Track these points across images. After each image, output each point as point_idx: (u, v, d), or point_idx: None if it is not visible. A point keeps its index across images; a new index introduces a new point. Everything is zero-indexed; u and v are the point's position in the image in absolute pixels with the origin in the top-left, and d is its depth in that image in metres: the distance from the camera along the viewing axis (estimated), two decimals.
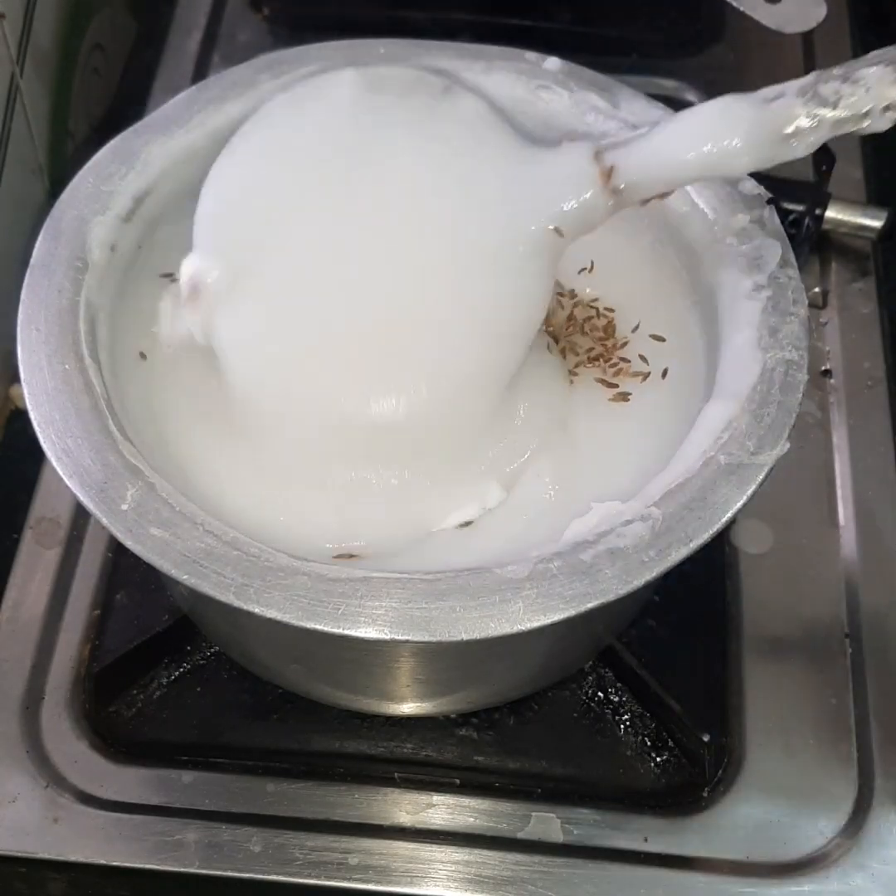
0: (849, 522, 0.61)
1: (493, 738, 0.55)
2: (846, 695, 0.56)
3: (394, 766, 0.55)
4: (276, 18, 0.81)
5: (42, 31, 0.67)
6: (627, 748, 0.55)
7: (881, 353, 0.67)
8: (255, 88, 0.53)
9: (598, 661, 0.57)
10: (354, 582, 0.40)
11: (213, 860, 0.52)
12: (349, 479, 0.46)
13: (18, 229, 0.63)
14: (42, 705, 0.56)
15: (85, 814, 0.53)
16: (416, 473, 0.46)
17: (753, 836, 0.53)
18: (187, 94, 0.53)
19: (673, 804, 0.54)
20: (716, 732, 0.54)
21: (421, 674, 0.50)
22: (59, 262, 0.47)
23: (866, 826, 0.53)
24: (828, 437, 0.64)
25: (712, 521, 0.42)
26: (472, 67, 0.54)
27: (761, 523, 0.61)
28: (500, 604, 0.40)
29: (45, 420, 0.43)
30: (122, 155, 0.51)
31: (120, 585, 0.58)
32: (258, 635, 0.51)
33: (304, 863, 0.52)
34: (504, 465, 0.47)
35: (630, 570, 0.40)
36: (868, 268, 0.71)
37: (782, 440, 0.43)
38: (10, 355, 0.45)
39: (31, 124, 0.66)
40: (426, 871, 0.52)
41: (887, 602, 0.59)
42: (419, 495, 0.46)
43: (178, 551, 0.41)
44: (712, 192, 0.50)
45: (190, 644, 0.57)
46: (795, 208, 0.68)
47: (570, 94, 0.53)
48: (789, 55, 0.78)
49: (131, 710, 0.56)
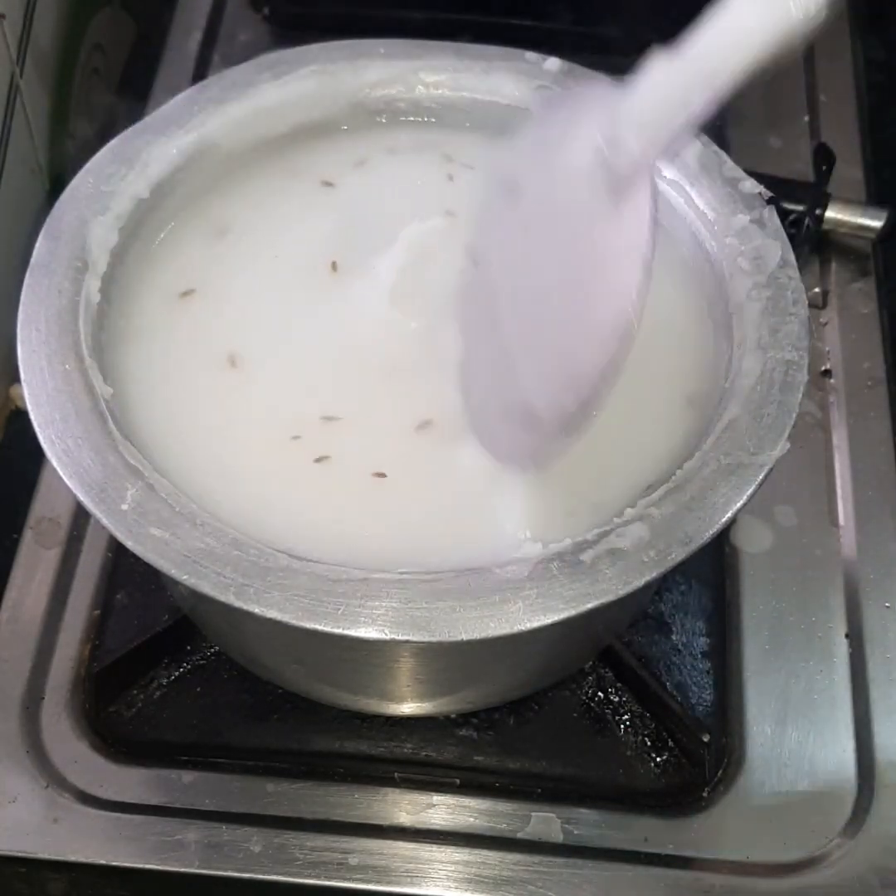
0: (849, 522, 0.61)
1: (493, 738, 0.55)
2: (846, 695, 0.56)
3: (394, 766, 0.55)
4: (276, 18, 0.81)
5: (42, 31, 0.67)
6: (627, 748, 0.55)
7: (881, 353, 0.67)
8: (255, 88, 0.54)
9: (598, 661, 0.57)
10: (354, 582, 0.40)
11: (213, 860, 0.52)
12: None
13: (18, 229, 0.63)
14: (42, 705, 0.56)
15: (85, 814, 0.53)
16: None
17: (753, 836, 0.53)
18: (187, 94, 0.53)
19: (673, 804, 0.54)
20: (716, 732, 0.54)
21: (421, 674, 0.50)
22: (59, 262, 0.47)
23: (866, 826, 0.53)
24: (828, 437, 0.64)
25: (712, 521, 0.42)
26: (472, 67, 0.54)
27: (761, 523, 0.61)
28: (500, 604, 0.40)
29: (45, 420, 0.43)
30: (122, 155, 0.51)
31: (120, 585, 0.58)
32: (258, 635, 0.51)
33: (304, 863, 0.52)
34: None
35: (630, 570, 0.40)
36: (868, 268, 0.71)
37: (782, 440, 0.43)
38: (10, 355, 0.45)
39: (31, 124, 0.66)
40: (426, 871, 0.52)
41: (887, 602, 0.59)
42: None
43: (177, 551, 0.41)
44: (712, 193, 0.50)
45: (190, 644, 0.57)
46: (795, 208, 0.68)
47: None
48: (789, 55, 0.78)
49: (131, 710, 0.56)
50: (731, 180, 0.50)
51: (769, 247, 0.48)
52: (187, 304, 0.51)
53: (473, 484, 0.46)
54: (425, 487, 0.46)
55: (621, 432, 0.48)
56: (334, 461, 0.47)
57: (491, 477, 0.46)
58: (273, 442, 0.47)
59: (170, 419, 0.48)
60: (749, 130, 0.75)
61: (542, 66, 0.54)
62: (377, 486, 0.46)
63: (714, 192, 0.50)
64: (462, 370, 0.46)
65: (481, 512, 0.46)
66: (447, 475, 0.46)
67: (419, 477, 0.46)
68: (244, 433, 0.48)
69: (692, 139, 0.48)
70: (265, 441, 0.47)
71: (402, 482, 0.46)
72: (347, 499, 0.46)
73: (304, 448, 0.47)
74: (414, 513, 0.46)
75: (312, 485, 0.46)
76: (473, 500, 0.46)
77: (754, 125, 0.76)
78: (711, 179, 0.51)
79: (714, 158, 0.51)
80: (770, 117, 0.76)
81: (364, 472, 0.46)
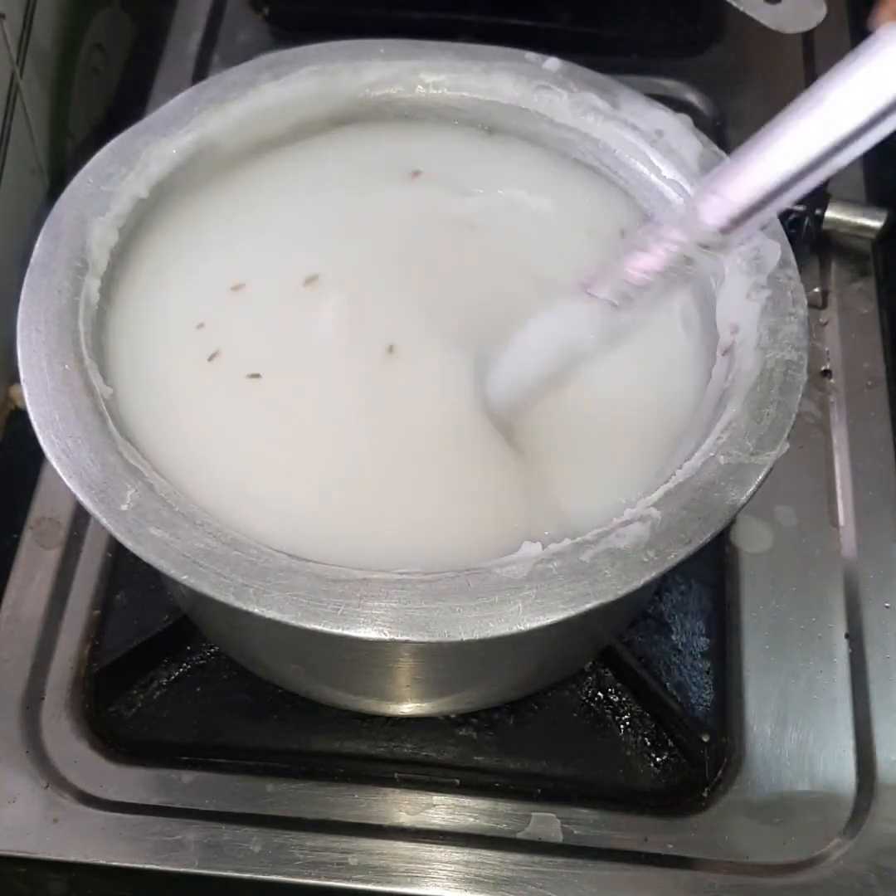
0: (849, 522, 0.61)
1: (492, 738, 0.55)
2: (846, 695, 0.56)
3: (394, 766, 0.55)
4: (276, 18, 0.81)
5: (42, 31, 0.67)
6: (627, 748, 0.55)
7: (881, 353, 0.67)
8: (255, 88, 0.54)
9: (598, 661, 0.57)
10: (354, 582, 0.40)
11: (213, 860, 0.52)
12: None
13: (18, 229, 0.63)
14: (42, 705, 0.56)
15: (85, 814, 0.53)
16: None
17: (753, 836, 0.53)
18: (187, 94, 0.53)
19: (673, 804, 0.54)
20: (716, 732, 0.54)
21: (420, 674, 0.50)
22: (59, 262, 0.47)
23: (866, 826, 0.53)
24: (828, 437, 0.64)
25: (712, 521, 0.42)
26: (472, 67, 0.54)
27: (761, 523, 0.61)
28: (500, 604, 0.40)
29: (45, 420, 0.43)
30: (121, 155, 0.51)
31: (120, 585, 0.58)
32: (258, 635, 0.51)
33: (304, 863, 0.52)
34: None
35: (630, 571, 0.40)
36: (868, 268, 0.71)
37: (782, 440, 0.43)
38: (10, 355, 0.45)
39: (31, 124, 0.66)
40: (426, 871, 0.52)
41: (887, 602, 0.59)
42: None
43: (177, 551, 0.41)
44: None
45: (190, 644, 0.57)
46: (795, 208, 0.68)
47: (570, 94, 0.54)
48: (789, 55, 0.78)
49: (131, 710, 0.56)
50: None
51: (769, 247, 0.48)
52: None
53: (475, 484, 0.46)
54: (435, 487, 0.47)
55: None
56: (334, 461, 0.47)
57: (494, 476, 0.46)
58: (273, 441, 0.47)
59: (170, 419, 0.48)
60: (749, 130, 0.74)
61: (542, 66, 0.54)
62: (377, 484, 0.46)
63: None
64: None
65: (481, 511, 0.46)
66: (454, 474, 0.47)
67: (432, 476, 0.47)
68: (246, 432, 0.48)
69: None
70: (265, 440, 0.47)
71: (408, 482, 0.46)
72: (348, 494, 0.46)
73: (305, 447, 0.47)
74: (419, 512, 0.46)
75: (313, 485, 0.46)
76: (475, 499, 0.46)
77: (754, 125, 0.75)
78: None
79: (714, 158, 0.51)
80: (770, 117, 0.76)
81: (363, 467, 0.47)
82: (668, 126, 0.52)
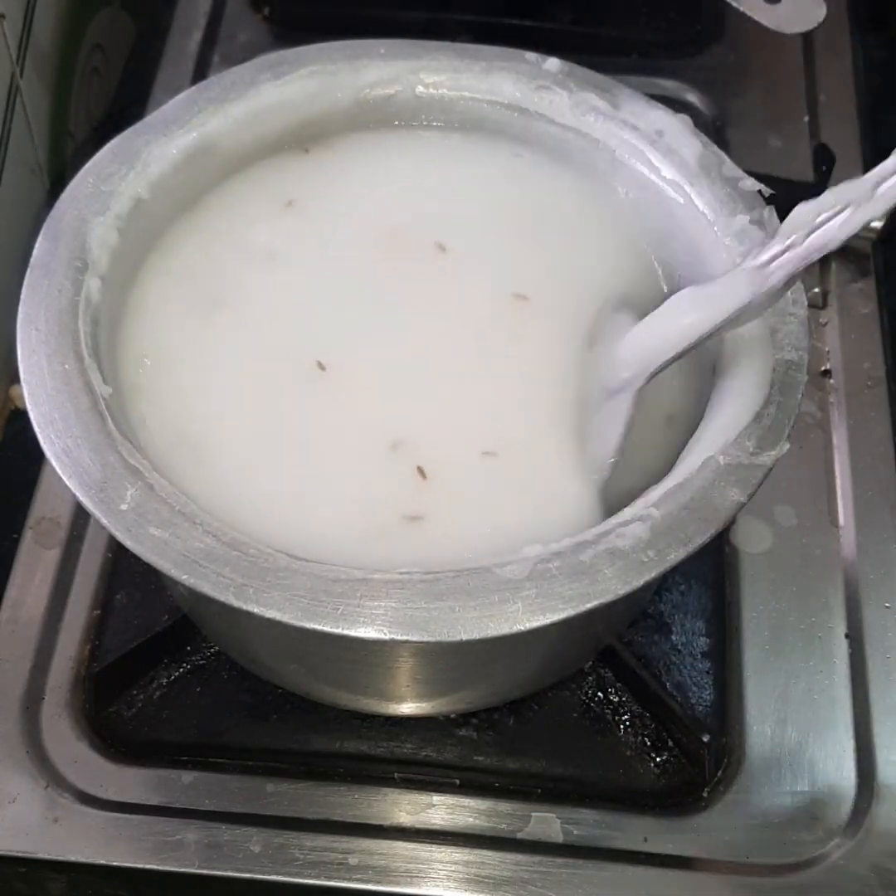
0: (849, 522, 0.61)
1: (492, 738, 0.55)
2: (846, 695, 0.56)
3: (393, 766, 0.55)
4: (276, 18, 0.81)
5: (42, 31, 0.67)
6: (627, 748, 0.55)
7: (881, 353, 0.67)
8: (255, 88, 0.53)
9: (598, 661, 0.57)
10: (354, 582, 0.40)
11: (213, 860, 0.52)
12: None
13: (18, 229, 0.63)
14: (42, 705, 0.56)
15: (85, 814, 0.53)
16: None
17: (753, 836, 0.53)
18: (187, 94, 0.53)
19: (673, 804, 0.54)
20: (716, 732, 0.54)
21: (420, 674, 0.50)
22: (59, 262, 0.47)
23: (866, 826, 0.53)
24: (828, 437, 0.64)
25: (712, 521, 0.42)
26: (472, 67, 0.54)
27: (761, 523, 0.61)
28: (500, 604, 0.40)
29: (45, 420, 0.43)
30: (122, 155, 0.51)
31: (120, 585, 0.58)
32: (258, 635, 0.51)
33: (304, 863, 0.52)
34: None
35: (629, 571, 0.40)
36: (868, 268, 0.71)
37: (782, 440, 0.43)
38: (10, 355, 0.45)
39: (31, 124, 0.66)
40: (426, 871, 0.52)
41: (887, 602, 0.59)
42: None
43: (177, 551, 0.41)
44: (712, 193, 0.50)
45: (190, 644, 0.57)
46: None
47: (569, 94, 0.54)
48: (789, 55, 0.78)
49: (131, 710, 0.56)
50: (730, 180, 0.50)
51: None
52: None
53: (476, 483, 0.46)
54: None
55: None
56: (335, 461, 0.47)
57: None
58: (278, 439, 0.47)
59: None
60: (749, 130, 0.75)
61: (542, 66, 0.54)
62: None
63: (714, 192, 0.50)
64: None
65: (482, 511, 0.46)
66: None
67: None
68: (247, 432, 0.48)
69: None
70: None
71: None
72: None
73: (307, 448, 0.47)
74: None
75: (314, 484, 0.46)
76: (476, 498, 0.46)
77: (754, 125, 0.76)
78: (711, 179, 0.51)
79: (714, 158, 0.51)
80: (770, 117, 0.76)
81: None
82: (668, 126, 0.52)
